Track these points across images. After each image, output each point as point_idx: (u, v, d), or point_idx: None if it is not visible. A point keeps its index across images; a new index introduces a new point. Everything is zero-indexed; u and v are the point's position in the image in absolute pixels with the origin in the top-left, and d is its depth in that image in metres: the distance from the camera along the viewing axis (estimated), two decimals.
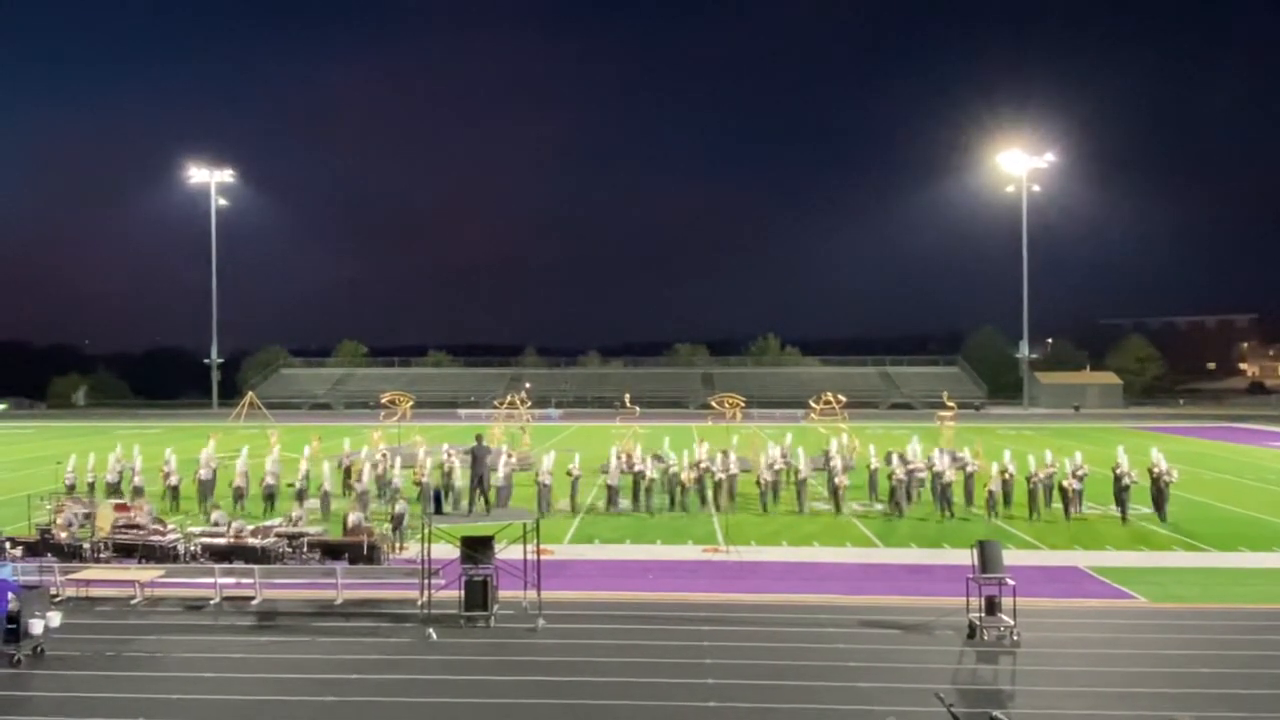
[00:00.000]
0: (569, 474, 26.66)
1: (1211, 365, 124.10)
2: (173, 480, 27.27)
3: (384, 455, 30.39)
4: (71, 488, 27.40)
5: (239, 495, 25.89)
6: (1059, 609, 16.52)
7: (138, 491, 26.28)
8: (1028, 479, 24.69)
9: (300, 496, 25.60)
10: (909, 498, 26.22)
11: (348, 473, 31.27)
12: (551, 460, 26.67)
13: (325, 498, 25.65)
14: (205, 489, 26.46)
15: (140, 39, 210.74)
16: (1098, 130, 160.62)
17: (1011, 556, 17.71)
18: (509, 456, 29.98)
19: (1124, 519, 24.01)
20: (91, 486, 27.62)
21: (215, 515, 21.69)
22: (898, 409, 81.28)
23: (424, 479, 25.50)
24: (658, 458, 28.39)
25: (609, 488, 26.38)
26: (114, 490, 26.97)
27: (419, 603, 15.93)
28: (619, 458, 27.27)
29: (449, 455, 28.79)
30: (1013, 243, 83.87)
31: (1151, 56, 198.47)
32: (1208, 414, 75.92)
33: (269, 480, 26.39)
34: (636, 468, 26.78)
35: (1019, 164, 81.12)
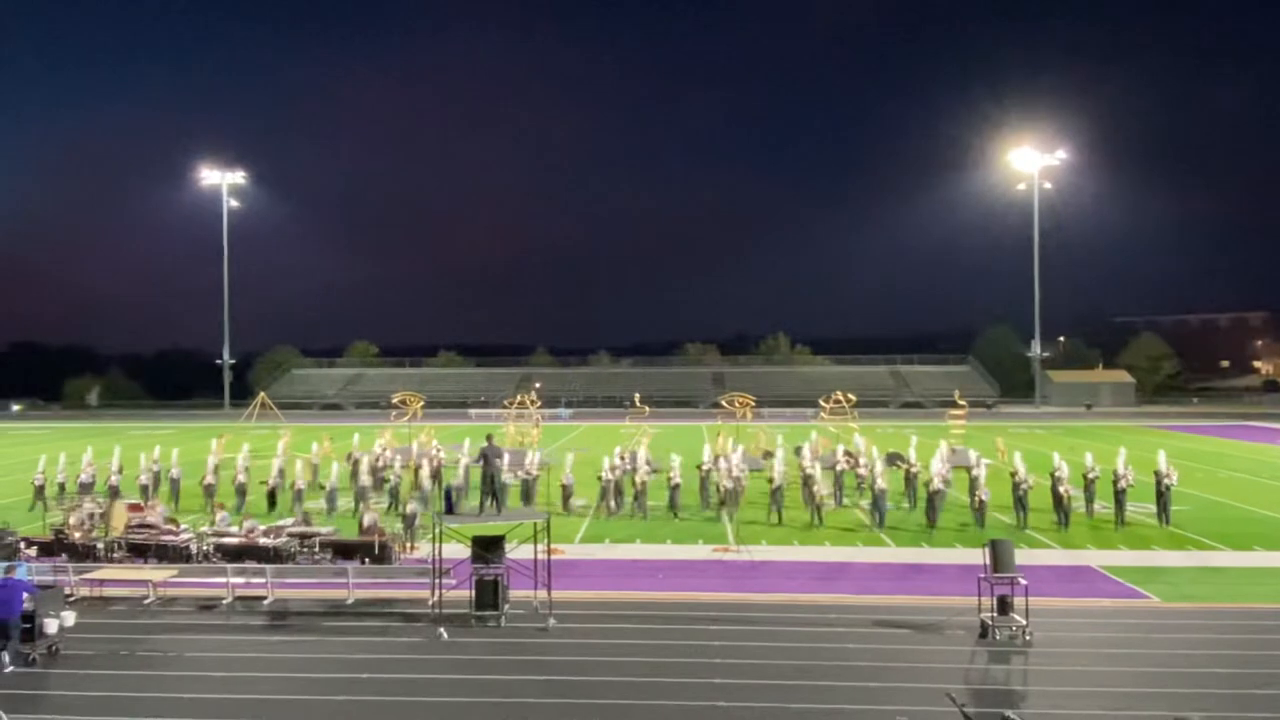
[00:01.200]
0: (527, 472, 26.67)
1: (1225, 363, 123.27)
2: (143, 480, 27.35)
3: (384, 452, 30.93)
4: (41, 488, 27.22)
5: (209, 492, 26.08)
6: (1071, 608, 16.44)
7: (114, 491, 26.15)
8: (1015, 485, 23.39)
9: (272, 495, 25.95)
10: (911, 501, 25.95)
11: (354, 469, 31.58)
12: (507, 460, 26.83)
13: (299, 495, 26.00)
14: (175, 489, 26.59)
15: (152, 42, 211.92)
16: (1110, 127, 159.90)
17: (1024, 556, 17.66)
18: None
19: (1120, 522, 23.31)
20: (62, 488, 27.40)
21: (220, 515, 21.75)
22: (909, 408, 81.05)
23: (394, 479, 26.08)
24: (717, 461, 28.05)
25: (563, 486, 26.31)
26: (86, 491, 26.59)
27: (430, 602, 15.96)
28: (621, 457, 27.28)
29: (435, 452, 29.05)
30: (1024, 240, 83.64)
31: (1164, 52, 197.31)
32: (1222, 412, 75.48)
33: (240, 479, 26.75)
34: (640, 469, 26.63)
35: (1031, 161, 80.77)
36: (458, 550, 16.43)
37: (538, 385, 68.24)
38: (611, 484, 25.97)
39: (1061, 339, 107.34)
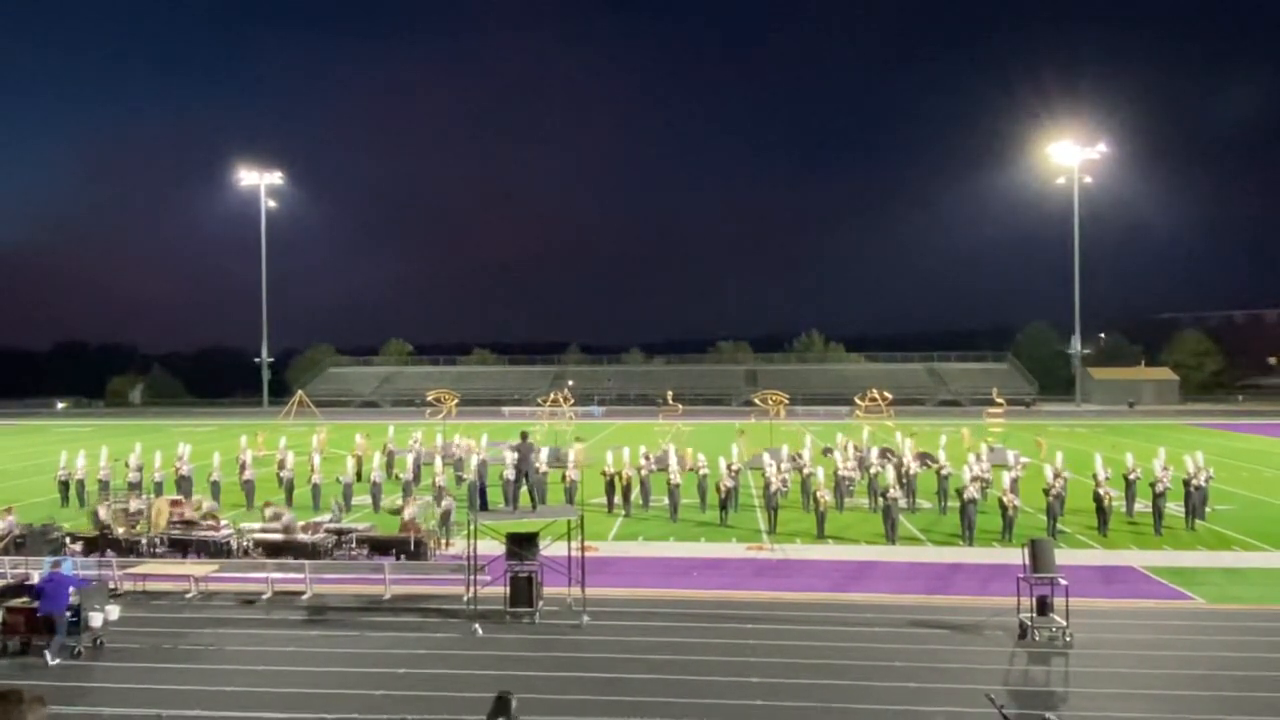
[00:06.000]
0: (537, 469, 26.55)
1: (1272, 360, 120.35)
2: (157, 477, 27.67)
3: (417, 447, 31.36)
4: (65, 484, 27.73)
5: (215, 490, 26.41)
6: (1113, 609, 16.16)
7: (132, 487, 26.63)
8: (1045, 490, 22.55)
9: (289, 490, 26.24)
10: (942, 505, 25.47)
11: (390, 461, 32.00)
12: (545, 456, 26.85)
13: (316, 490, 26.35)
14: (184, 486, 27.00)
15: (191, 46, 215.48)
16: (1151, 119, 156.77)
17: (1064, 556, 17.39)
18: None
19: (1158, 531, 22.52)
20: (81, 484, 27.76)
21: (271, 511, 22.00)
22: (945, 406, 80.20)
23: (406, 475, 26.64)
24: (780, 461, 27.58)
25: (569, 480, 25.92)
26: (104, 488, 27.09)
27: (465, 598, 16.06)
28: (646, 457, 27.22)
29: (459, 447, 29.42)
30: (1064, 235, 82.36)
31: (1206, 44, 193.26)
32: (1268, 410, 73.79)
33: (248, 476, 27.14)
34: (671, 468, 26.45)
35: (1070, 155, 79.45)
36: (492, 547, 16.51)
37: (570, 383, 68.48)
38: (634, 478, 25.90)
39: (1102, 336, 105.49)
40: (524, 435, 18.98)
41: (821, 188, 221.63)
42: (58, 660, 13.60)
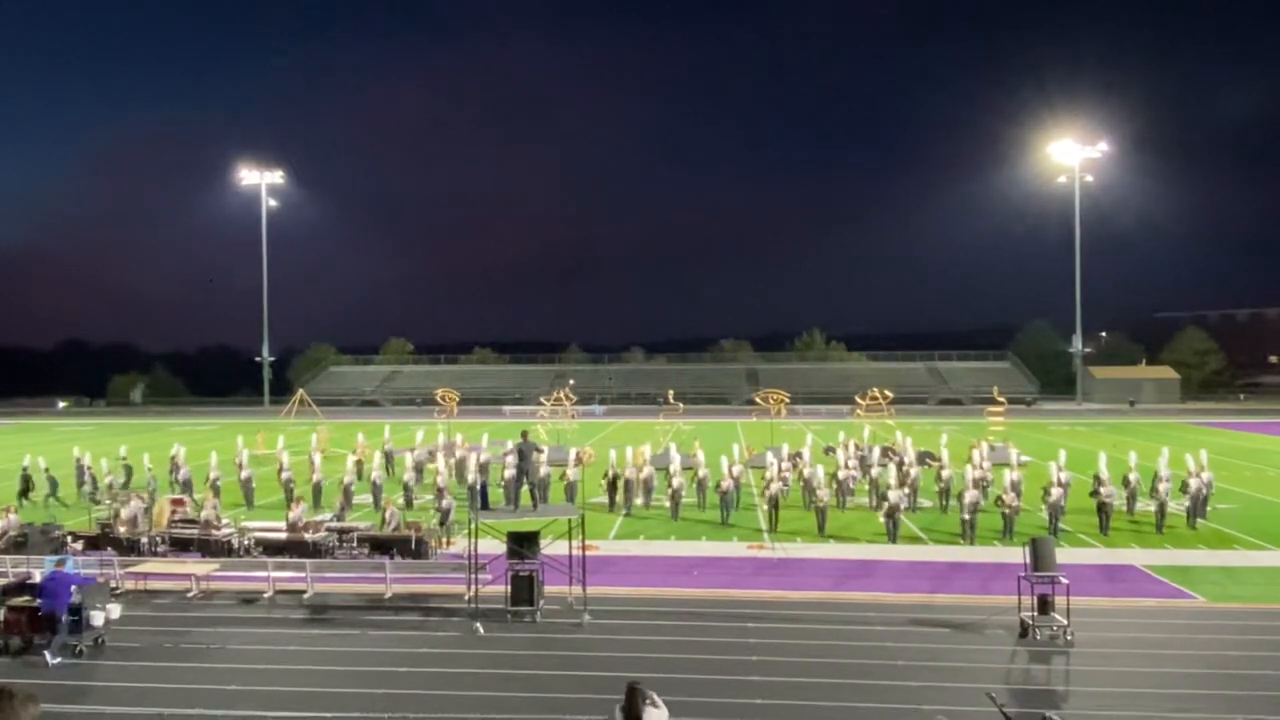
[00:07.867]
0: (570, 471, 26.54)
1: (1273, 358, 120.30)
2: (149, 477, 27.67)
3: (421, 448, 31.47)
4: (27, 479, 27.52)
5: (215, 489, 26.40)
6: (1114, 608, 16.16)
7: (117, 487, 26.55)
8: (1044, 497, 22.51)
9: (288, 492, 26.32)
10: (943, 504, 25.38)
11: (388, 462, 31.97)
12: (546, 456, 26.77)
13: (318, 489, 26.41)
14: (215, 489, 26.88)
15: (194, 45, 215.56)
16: (1152, 118, 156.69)
17: (1065, 555, 17.39)
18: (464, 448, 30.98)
19: (1159, 530, 22.54)
20: (55, 482, 27.42)
21: (298, 509, 21.92)
22: (946, 404, 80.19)
23: (408, 476, 26.88)
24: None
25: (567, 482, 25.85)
26: (93, 487, 26.98)
27: (466, 597, 16.07)
28: (645, 455, 27.19)
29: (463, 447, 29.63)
30: (1065, 234, 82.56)
31: (1208, 42, 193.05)
32: (1270, 409, 73.77)
33: (245, 475, 27.14)
34: (673, 465, 26.41)
35: (1071, 154, 79.50)
36: (493, 546, 16.52)
37: (571, 382, 68.47)
38: (636, 481, 25.87)
39: (1103, 334, 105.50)
40: (525, 434, 18.96)
41: (822, 187, 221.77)
42: (59, 659, 13.61)
